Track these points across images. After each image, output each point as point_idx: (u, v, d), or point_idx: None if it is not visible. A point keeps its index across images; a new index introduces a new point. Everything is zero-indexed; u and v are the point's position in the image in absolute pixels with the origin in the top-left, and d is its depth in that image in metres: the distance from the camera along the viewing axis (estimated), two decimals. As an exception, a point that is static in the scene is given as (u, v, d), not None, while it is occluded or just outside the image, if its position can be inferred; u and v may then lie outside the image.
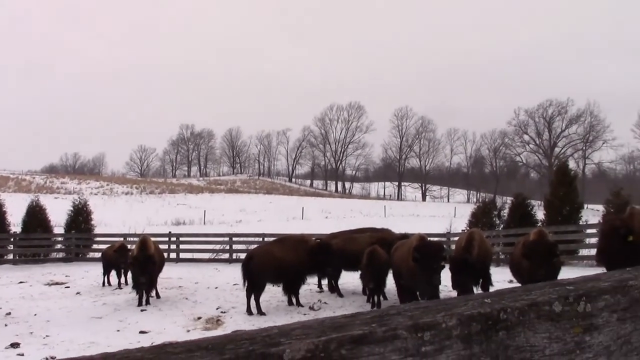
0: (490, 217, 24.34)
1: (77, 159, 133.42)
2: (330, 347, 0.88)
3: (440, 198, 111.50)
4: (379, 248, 13.07)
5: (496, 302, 1.21)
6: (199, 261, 24.34)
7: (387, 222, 27.64)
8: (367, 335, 0.94)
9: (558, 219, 21.06)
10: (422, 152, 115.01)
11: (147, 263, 13.61)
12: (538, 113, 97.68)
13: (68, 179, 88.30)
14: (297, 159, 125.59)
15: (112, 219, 42.36)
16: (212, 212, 52.78)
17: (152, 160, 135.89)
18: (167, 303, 14.16)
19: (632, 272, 1.61)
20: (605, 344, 1.41)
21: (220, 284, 17.05)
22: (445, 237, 23.19)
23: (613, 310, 1.44)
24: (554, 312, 1.29)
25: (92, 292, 16.45)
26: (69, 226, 27.15)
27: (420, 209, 65.15)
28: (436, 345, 1.04)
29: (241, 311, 12.80)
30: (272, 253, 13.33)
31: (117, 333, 10.85)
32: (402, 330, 0.99)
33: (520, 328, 1.21)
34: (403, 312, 1.09)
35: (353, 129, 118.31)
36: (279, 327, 0.96)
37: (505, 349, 1.17)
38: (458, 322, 1.08)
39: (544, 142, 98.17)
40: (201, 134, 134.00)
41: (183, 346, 0.80)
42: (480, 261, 11.27)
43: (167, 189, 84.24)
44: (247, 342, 0.84)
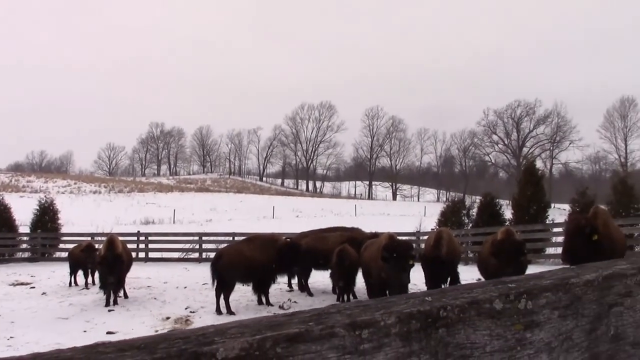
0: (460, 216, 24.61)
1: (43, 157, 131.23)
2: (265, 345, 0.89)
3: (411, 197, 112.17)
4: (348, 247, 13.13)
5: (437, 300, 1.23)
6: (168, 261, 24.15)
7: (358, 221, 27.70)
8: (304, 333, 0.95)
9: (525, 218, 21.39)
10: (392, 152, 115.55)
11: (115, 262, 13.45)
12: (507, 113, 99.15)
13: (34, 178, 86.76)
14: (268, 158, 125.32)
15: (80, 218, 41.76)
16: (182, 211, 52.38)
17: (121, 159, 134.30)
18: (135, 303, 14.02)
19: (575, 270, 1.65)
20: (546, 341, 1.44)
21: (190, 284, 16.93)
22: (414, 236, 23.35)
23: (554, 308, 1.47)
24: (495, 309, 1.32)
25: (59, 292, 16.21)
26: (35, 225, 26.72)
27: (390, 208, 65.50)
28: (374, 343, 1.06)
29: (210, 311, 12.74)
30: (241, 252, 13.28)
31: (83, 334, 10.71)
32: (340, 328, 1.01)
33: (460, 325, 1.24)
34: (343, 310, 1.10)
35: (324, 128, 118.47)
36: (216, 326, 0.96)
37: (445, 346, 1.20)
38: (397, 320, 1.10)
39: (513, 142, 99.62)
40: (171, 132, 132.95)
41: (115, 345, 0.81)
42: (449, 260, 11.40)
43: (136, 187, 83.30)
44: (180, 341, 0.85)
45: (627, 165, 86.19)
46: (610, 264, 1.80)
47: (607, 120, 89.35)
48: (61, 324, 11.70)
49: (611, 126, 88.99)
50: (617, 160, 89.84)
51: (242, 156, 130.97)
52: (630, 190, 21.36)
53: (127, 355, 0.78)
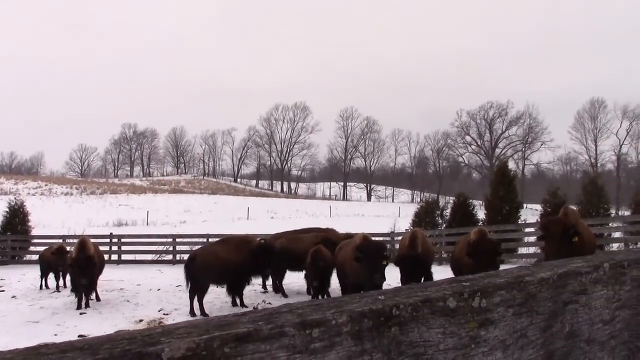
0: (434, 217, 24.80)
1: (13, 159, 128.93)
2: (213, 345, 0.89)
3: (386, 198, 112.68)
4: (323, 248, 13.16)
5: (390, 299, 1.24)
6: (141, 263, 23.95)
7: (333, 223, 27.76)
8: (252, 333, 0.96)
9: (498, 219, 21.63)
10: (367, 153, 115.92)
11: (88, 265, 13.29)
12: (480, 115, 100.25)
13: (4, 179, 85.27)
14: (243, 159, 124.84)
15: (51, 221, 41.25)
16: (155, 213, 51.97)
17: (94, 160, 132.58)
18: (108, 306, 13.89)
19: (530, 269, 1.68)
20: (501, 339, 1.47)
21: (163, 286, 16.81)
22: (389, 237, 23.45)
23: (509, 306, 1.50)
24: (449, 307, 1.34)
25: (29, 295, 15.97)
26: (5, 228, 26.33)
27: (365, 209, 65.74)
28: (326, 342, 1.07)
29: (184, 313, 12.67)
30: (215, 253, 13.22)
31: (54, 338, 10.56)
32: (290, 328, 1.01)
33: (414, 324, 1.25)
34: (294, 310, 1.11)
35: (299, 130, 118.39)
36: (165, 326, 0.96)
37: (398, 345, 1.21)
38: (349, 319, 1.11)
39: (486, 144, 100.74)
40: (144, 133, 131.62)
41: (57, 347, 0.80)
42: (424, 259, 11.47)
43: (109, 189, 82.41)
44: (125, 342, 0.84)
45: (598, 166, 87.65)
46: (566, 262, 1.84)
47: (577, 122, 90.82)
48: (32, 328, 11.54)
49: (582, 127, 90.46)
50: (587, 161, 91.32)
51: (217, 157, 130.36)
52: (601, 191, 21.73)
53: (68, 356, 0.77)
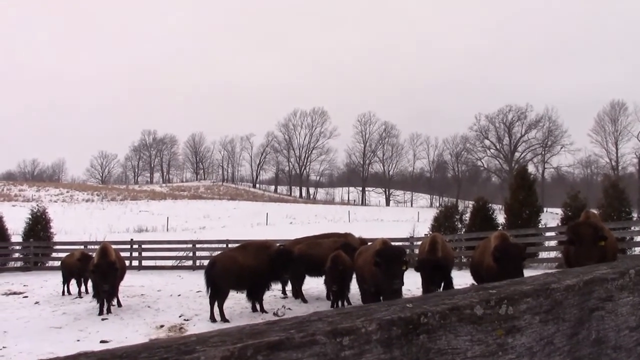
0: (453, 221, 24.68)
1: (35, 166, 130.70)
2: (246, 353, 0.91)
3: (404, 203, 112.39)
4: (342, 253, 13.15)
5: (417, 307, 1.25)
6: (161, 268, 24.09)
7: (351, 227, 27.73)
8: (284, 341, 0.97)
9: (518, 223, 21.45)
10: (385, 157, 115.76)
11: (109, 270, 13.40)
12: (498, 118, 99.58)
13: (26, 186, 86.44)
14: (261, 165, 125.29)
15: (72, 227, 41.65)
16: (175, 218, 52.30)
17: (114, 167, 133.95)
18: (129, 312, 13.98)
19: (556, 276, 1.68)
20: (527, 346, 1.47)
21: (184, 292, 16.89)
22: (408, 241, 23.37)
23: (535, 313, 1.49)
24: (476, 315, 1.34)
25: (52, 301, 16.13)
26: (27, 234, 26.61)
27: (384, 214, 65.61)
28: (356, 349, 1.08)
29: (204, 318, 12.71)
30: (234, 259, 13.25)
31: (77, 343, 10.67)
32: (321, 336, 1.02)
33: (441, 331, 1.26)
34: (324, 318, 1.12)
35: (317, 135, 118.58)
36: (198, 334, 0.98)
37: (426, 352, 1.21)
38: (378, 326, 1.12)
39: (504, 147, 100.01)
40: (164, 139, 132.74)
41: (96, 355, 0.82)
42: (444, 264, 11.43)
43: (129, 195, 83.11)
44: (162, 350, 0.86)
45: (618, 168, 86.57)
46: (591, 268, 1.83)
47: (597, 125, 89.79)
48: (54, 333, 11.65)
49: (602, 130, 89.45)
50: (608, 164, 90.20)
51: (235, 163, 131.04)
52: (621, 194, 21.47)
53: (108, 364, 0.80)
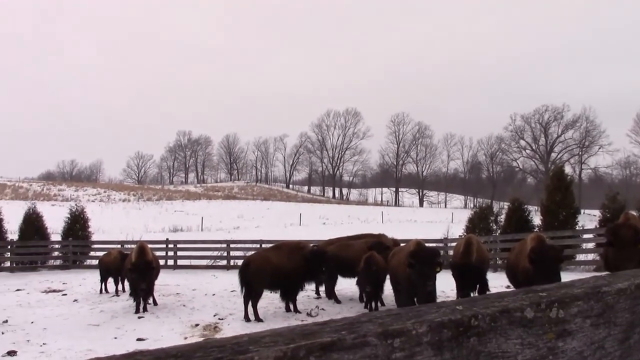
0: (487, 222, 24.39)
1: (74, 166, 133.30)
2: (299, 354, 0.90)
3: (438, 204, 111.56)
4: (376, 254, 13.10)
5: (467, 309, 1.23)
6: (196, 268, 24.32)
7: (384, 228, 27.64)
8: (336, 342, 0.96)
9: (555, 224, 21.08)
10: (419, 158, 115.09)
11: (147, 269, 13.61)
12: (534, 118, 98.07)
13: (65, 186, 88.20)
14: (295, 165, 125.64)
15: (110, 226, 42.31)
16: (209, 218, 52.75)
17: (150, 167, 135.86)
18: (165, 310, 14.15)
19: (607, 279, 1.64)
20: (578, 350, 1.43)
21: (218, 291, 17.03)
22: (442, 242, 23.18)
23: (586, 316, 1.46)
24: (526, 318, 1.31)
25: (90, 299, 16.42)
26: (66, 233, 27.10)
27: (417, 215, 65.16)
28: (406, 352, 1.06)
29: (239, 318, 12.80)
30: (268, 259, 13.32)
31: (114, 340, 10.84)
32: (372, 337, 1.01)
33: (492, 334, 1.23)
34: (374, 319, 1.11)
35: (350, 135, 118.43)
36: (250, 334, 0.98)
37: (477, 355, 1.19)
38: (428, 328, 1.11)
39: (540, 148, 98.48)
40: (198, 140, 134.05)
41: (152, 354, 0.82)
42: (479, 266, 11.31)
43: (165, 195, 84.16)
44: (215, 350, 0.86)
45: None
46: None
47: (637, 124, 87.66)
48: (92, 330, 11.86)
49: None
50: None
51: (269, 163, 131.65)
52: (662, 195, 20.96)
53: (164, 363, 0.80)
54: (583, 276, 1.83)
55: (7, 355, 9.71)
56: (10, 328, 12.08)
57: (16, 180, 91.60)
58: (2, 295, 17.34)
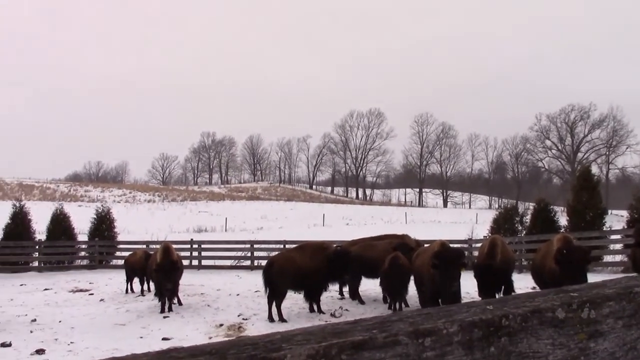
0: (512, 223, 24.16)
1: (100, 167, 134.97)
2: (331, 352, 0.91)
3: (462, 204, 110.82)
4: (400, 254, 13.05)
5: (498, 309, 1.22)
6: (220, 268, 24.45)
7: (408, 229, 27.49)
8: (368, 341, 0.97)
9: (581, 225, 20.80)
10: (443, 158, 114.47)
11: (172, 269, 13.72)
12: (560, 118, 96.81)
13: (91, 187, 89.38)
14: (318, 166, 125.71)
15: (135, 227, 42.67)
16: (233, 219, 53.01)
17: (174, 168, 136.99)
18: (189, 310, 14.24)
19: (638, 279, 1.62)
20: (610, 351, 1.42)
21: (242, 291, 17.10)
22: (466, 243, 23.01)
23: (618, 317, 1.44)
24: (557, 318, 1.30)
25: (116, 298, 16.60)
26: (93, 234, 27.42)
27: (441, 216, 64.79)
28: (437, 351, 1.06)
29: (263, 318, 12.84)
30: (292, 260, 13.33)
31: (140, 340, 10.94)
32: (403, 336, 1.02)
33: (522, 334, 1.23)
34: (405, 318, 1.11)
35: (373, 136, 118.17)
36: (282, 332, 0.99)
37: (507, 355, 1.19)
38: (459, 328, 1.10)
39: (567, 148, 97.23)
40: (222, 141, 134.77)
41: (187, 351, 0.84)
42: (503, 267, 11.20)
43: (189, 196, 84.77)
44: (249, 347, 0.87)
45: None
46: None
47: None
48: (118, 330, 11.98)
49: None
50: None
51: (292, 164, 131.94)
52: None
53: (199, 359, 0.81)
54: (611, 277, 1.81)
55: (36, 354, 9.86)
56: (38, 327, 12.26)
57: (44, 182, 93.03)
58: (30, 294, 17.61)
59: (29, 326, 12.36)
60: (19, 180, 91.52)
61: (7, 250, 25.07)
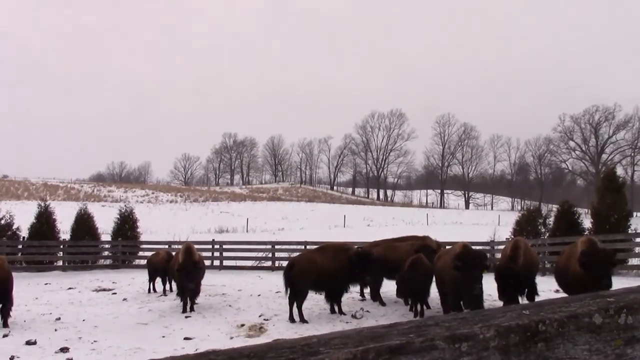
0: (535, 225, 23.93)
1: (123, 168, 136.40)
2: (368, 356, 0.90)
3: (484, 206, 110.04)
4: (422, 256, 12.99)
5: (535, 314, 1.21)
6: (242, 269, 24.54)
7: (429, 230, 27.37)
8: (405, 345, 0.96)
9: (606, 227, 20.54)
10: (464, 159, 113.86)
11: (194, 270, 13.79)
12: (584, 119, 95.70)
13: (115, 188, 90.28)
14: (339, 167, 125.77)
15: (157, 227, 42.96)
16: (254, 220, 53.19)
17: (196, 169, 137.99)
18: (211, 310, 14.30)
19: (676, 284, 1.59)
20: (647, 357, 1.39)
21: (263, 292, 17.14)
22: (489, 245, 22.86)
23: (656, 323, 1.42)
24: (594, 324, 1.28)
25: (138, 298, 16.72)
26: (116, 234, 27.69)
27: (463, 217, 64.40)
28: (474, 356, 1.05)
29: (284, 319, 12.84)
30: (313, 261, 13.32)
31: (162, 339, 11.00)
32: (440, 341, 1.01)
33: (559, 340, 1.21)
34: (441, 322, 1.10)
35: (395, 137, 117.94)
36: (318, 336, 0.98)
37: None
38: (496, 333, 1.09)
39: (591, 149, 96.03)
40: (244, 142, 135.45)
41: (225, 354, 0.83)
42: (526, 270, 11.07)
43: (211, 197, 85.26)
44: (287, 351, 0.87)
45: None
46: None
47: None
48: (141, 329, 12.07)
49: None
50: None
51: (313, 165, 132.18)
52: None
53: (237, 363, 0.81)
54: (636, 281, 1.77)
55: (60, 352, 9.97)
56: (62, 325, 12.40)
57: (68, 182, 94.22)
58: (55, 293, 17.82)
59: (54, 324, 12.51)
60: (44, 180, 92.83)
61: (33, 249, 25.42)
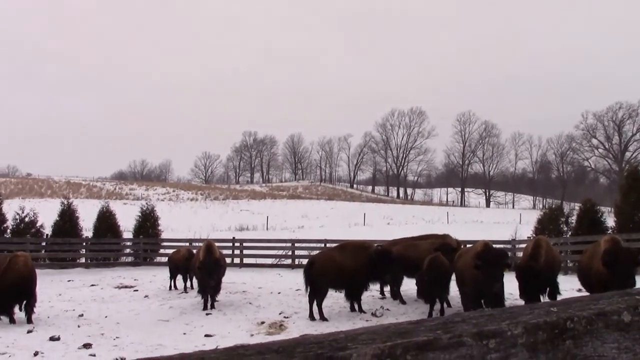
0: (557, 223, 23.68)
1: (144, 166, 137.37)
2: (396, 352, 0.90)
3: (505, 204, 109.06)
4: (441, 255, 12.93)
5: (563, 311, 1.20)
6: (262, 266, 24.65)
7: (450, 229, 27.23)
8: (432, 341, 0.96)
9: (629, 226, 20.27)
10: (485, 158, 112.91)
11: (215, 267, 13.88)
12: (607, 116, 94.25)
13: (136, 185, 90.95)
14: (359, 165, 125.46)
15: (178, 225, 43.23)
16: (274, 218, 53.29)
17: (216, 167, 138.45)
18: (231, 307, 14.38)
19: None
20: (677, 356, 1.37)
21: (283, 289, 17.19)
22: (510, 244, 22.69)
23: (686, 321, 1.40)
24: (623, 322, 1.27)
25: (160, 295, 16.86)
26: (137, 231, 27.91)
27: (484, 216, 63.90)
28: (501, 353, 1.05)
29: (304, 316, 12.88)
30: (333, 259, 13.34)
31: (183, 336, 11.10)
32: (467, 338, 1.00)
33: (587, 337, 1.20)
34: (468, 319, 1.10)
35: (415, 135, 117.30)
36: (345, 332, 0.98)
37: (572, 358, 1.16)
38: (523, 330, 1.08)
39: (614, 147, 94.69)
40: (264, 140, 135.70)
41: (254, 349, 0.84)
42: (548, 269, 10.98)
43: (231, 195, 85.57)
44: (315, 346, 0.87)
45: None
46: None
47: None
48: (162, 326, 12.18)
49: None
50: None
51: (333, 163, 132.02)
52: None
53: (266, 357, 0.81)
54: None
55: (83, 348, 10.09)
56: (85, 322, 12.55)
57: (90, 180, 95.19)
58: (78, 290, 18.04)
59: (77, 321, 12.67)
60: (67, 178, 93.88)
61: (56, 247, 25.76)
